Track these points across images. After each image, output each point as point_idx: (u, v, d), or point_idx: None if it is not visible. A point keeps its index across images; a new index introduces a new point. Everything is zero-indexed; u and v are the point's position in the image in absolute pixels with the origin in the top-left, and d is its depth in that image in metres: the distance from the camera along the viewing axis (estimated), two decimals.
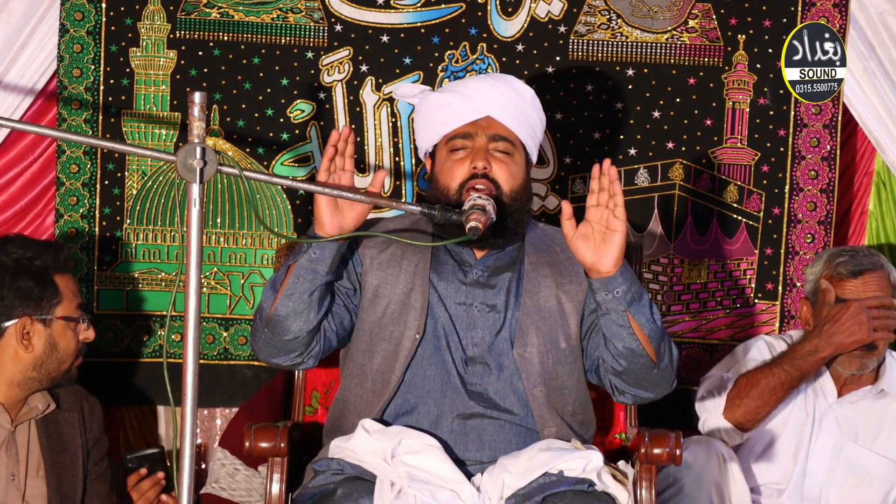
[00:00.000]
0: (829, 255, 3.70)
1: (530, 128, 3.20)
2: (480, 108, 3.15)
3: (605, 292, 2.96)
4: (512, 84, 3.21)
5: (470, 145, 3.15)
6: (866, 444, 3.68)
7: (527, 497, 2.92)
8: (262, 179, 3.86)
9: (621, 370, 3.04)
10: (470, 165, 3.12)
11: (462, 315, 3.15)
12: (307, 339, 3.05)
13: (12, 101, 3.89)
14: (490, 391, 3.11)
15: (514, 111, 3.17)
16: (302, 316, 3.01)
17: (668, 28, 3.96)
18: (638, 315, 2.96)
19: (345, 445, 3.03)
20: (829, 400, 3.69)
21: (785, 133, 3.97)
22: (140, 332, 3.96)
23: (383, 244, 3.23)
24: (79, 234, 3.92)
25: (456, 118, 3.16)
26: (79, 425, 3.38)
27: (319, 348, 3.11)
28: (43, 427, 3.33)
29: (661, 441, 3.07)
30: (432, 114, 3.20)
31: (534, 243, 3.23)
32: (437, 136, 3.20)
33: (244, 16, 3.92)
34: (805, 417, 3.68)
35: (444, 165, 3.17)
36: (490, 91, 3.17)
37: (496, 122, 3.16)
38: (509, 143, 3.16)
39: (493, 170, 3.12)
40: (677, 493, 3.50)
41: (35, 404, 3.32)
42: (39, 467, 3.31)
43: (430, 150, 3.25)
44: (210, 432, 4.05)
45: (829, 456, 3.67)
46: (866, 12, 3.96)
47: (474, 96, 3.16)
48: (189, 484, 2.49)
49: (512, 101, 3.18)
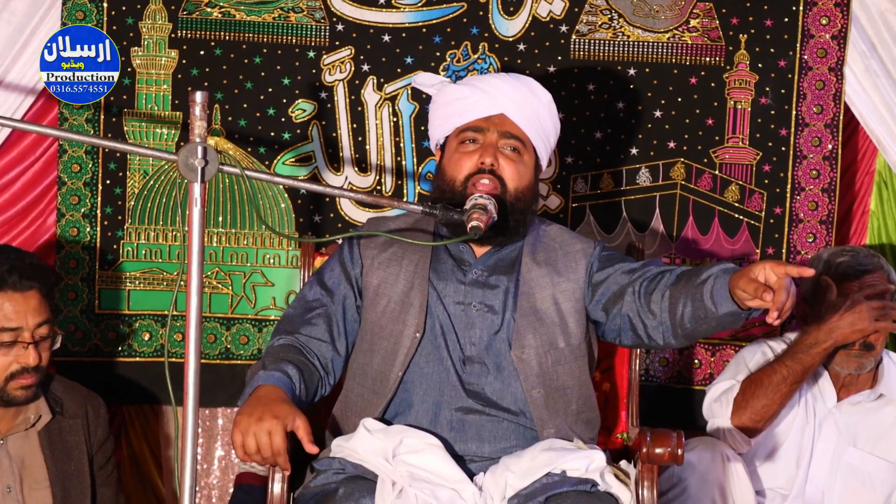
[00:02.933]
0: (829, 254, 3.70)
1: (543, 131, 3.21)
2: (496, 105, 3.17)
3: (736, 316, 2.93)
4: (530, 86, 3.22)
5: (481, 139, 3.16)
6: (866, 448, 3.68)
7: (529, 497, 2.92)
8: (264, 179, 3.85)
9: (684, 334, 3.04)
10: (478, 160, 3.14)
11: (460, 314, 3.15)
12: (315, 395, 3.13)
13: (14, 100, 3.88)
14: (487, 391, 3.11)
15: (528, 112, 3.18)
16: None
17: (670, 27, 3.96)
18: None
19: (346, 445, 3.03)
20: (829, 404, 3.69)
21: (786, 132, 3.97)
22: (141, 331, 3.96)
23: (384, 244, 3.24)
24: (80, 233, 3.92)
25: (470, 112, 3.18)
26: (83, 431, 3.36)
27: (333, 377, 3.18)
28: (45, 436, 3.31)
29: (663, 441, 3.07)
30: (448, 105, 3.22)
31: (533, 244, 3.23)
32: (450, 128, 3.21)
33: (245, 15, 3.92)
34: (806, 423, 3.68)
35: (453, 157, 3.18)
36: (508, 89, 3.18)
37: (509, 121, 3.17)
38: (520, 143, 3.17)
39: (501, 167, 3.13)
40: (681, 494, 3.50)
41: (28, 415, 3.30)
42: (42, 478, 3.29)
43: (442, 141, 3.26)
44: (211, 432, 4.05)
45: (830, 460, 3.67)
46: (868, 12, 3.96)
47: (491, 92, 3.18)
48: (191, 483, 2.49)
49: (528, 101, 3.19)
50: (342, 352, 3.19)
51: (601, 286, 3.16)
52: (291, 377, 3.01)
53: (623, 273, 3.16)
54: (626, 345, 3.25)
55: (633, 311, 3.10)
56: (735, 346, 4.00)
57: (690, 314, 2.99)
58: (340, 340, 3.19)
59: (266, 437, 2.82)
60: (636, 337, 3.14)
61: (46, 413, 3.31)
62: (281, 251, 3.97)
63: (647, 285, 3.10)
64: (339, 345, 3.18)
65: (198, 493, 3.95)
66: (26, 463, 3.29)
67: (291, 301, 3.33)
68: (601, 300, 3.16)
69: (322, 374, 3.13)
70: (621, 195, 3.99)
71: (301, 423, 2.85)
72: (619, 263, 3.19)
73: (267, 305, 3.97)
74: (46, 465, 3.29)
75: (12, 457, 3.27)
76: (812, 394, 3.69)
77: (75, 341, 3.92)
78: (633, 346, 3.28)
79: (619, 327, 3.15)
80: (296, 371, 3.03)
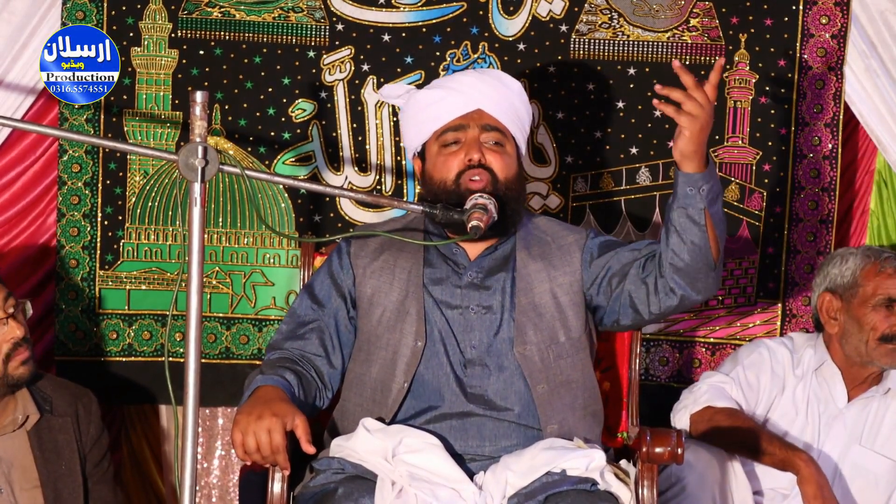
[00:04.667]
0: (865, 250, 3.69)
1: (519, 120, 3.23)
2: (471, 101, 3.18)
3: (690, 187, 2.97)
4: (500, 77, 3.25)
5: (462, 137, 3.16)
6: (867, 444, 3.68)
7: (529, 496, 2.92)
8: (264, 178, 3.86)
9: (682, 266, 3.04)
10: (465, 157, 3.14)
11: (458, 319, 3.15)
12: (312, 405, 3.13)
13: (14, 100, 3.88)
14: (490, 392, 3.11)
15: (503, 103, 3.19)
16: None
17: (670, 27, 3.96)
18: (714, 215, 2.99)
19: (346, 444, 3.03)
20: (840, 405, 3.69)
21: (786, 132, 3.97)
22: (142, 331, 3.96)
23: (375, 252, 3.24)
24: (80, 233, 3.92)
25: (446, 113, 3.18)
26: (73, 430, 3.35)
27: (331, 390, 3.19)
28: (35, 436, 3.30)
29: (663, 440, 3.07)
30: (420, 112, 3.22)
31: (525, 238, 3.24)
32: (427, 134, 3.21)
33: (245, 15, 3.92)
34: (806, 424, 3.68)
35: (438, 160, 3.17)
36: (479, 84, 3.20)
37: (487, 115, 3.18)
38: (501, 134, 3.18)
39: (488, 160, 3.14)
40: (680, 493, 3.49)
41: (16, 415, 3.29)
42: (33, 479, 3.28)
43: (419, 149, 3.25)
44: (212, 431, 4.06)
45: (836, 460, 3.67)
46: (868, 11, 3.96)
47: (465, 90, 3.18)
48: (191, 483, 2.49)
49: (501, 93, 3.20)
50: (338, 365, 3.19)
51: (602, 270, 3.17)
52: (290, 382, 3.02)
53: (627, 251, 3.18)
54: (624, 326, 3.24)
55: (636, 285, 3.11)
56: (735, 346, 4.00)
57: (670, 238, 3.02)
58: (335, 353, 3.19)
59: (265, 435, 2.82)
60: (636, 314, 3.15)
61: (34, 412, 3.30)
62: (281, 251, 3.97)
63: (647, 261, 3.13)
64: (334, 358, 3.18)
65: (198, 493, 3.95)
66: (16, 464, 3.28)
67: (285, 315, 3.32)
68: (602, 283, 3.16)
69: (319, 384, 3.13)
70: (621, 194, 3.99)
71: (300, 421, 2.85)
72: (619, 247, 3.21)
73: (267, 305, 3.97)
74: (37, 466, 3.28)
75: (2, 458, 3.26)
76: (818, 396, 3.69)
77: (76, 341, 3.92)
78: (632, 326, 3.27)
79: (620, 307, 3.16)
80: (294, 377, 3.04)
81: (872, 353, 3.64)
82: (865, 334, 3.64)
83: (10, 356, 3.26)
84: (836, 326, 3.69)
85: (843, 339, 3.68)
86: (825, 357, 3.69)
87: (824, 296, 3.70)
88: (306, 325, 3.20)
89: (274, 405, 2.88)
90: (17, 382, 3.28)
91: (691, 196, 2.98)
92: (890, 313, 3.63)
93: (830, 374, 3.69)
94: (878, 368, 3.68)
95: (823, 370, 3.69)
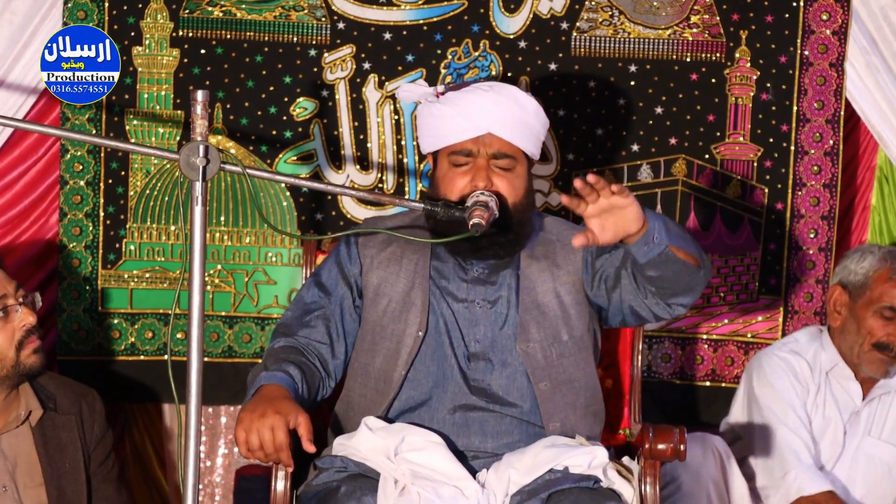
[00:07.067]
0: (886, 253, 3.69)
1: (533, 136, 3.19)
2: (482, 126, 3.13)
3: (645, 246, 2.90)
4: (515, 97, 3.18)
5: (471, 162, 3.14)
6: (876, 434, 3.69)
7: (532, 493, 2.92)
8: (265, 177, 3.86)
9: (675, 289, 3.02)
10: (471, 182, 3.11)
11: (464, 312, 3.15)
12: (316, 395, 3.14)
13: (16, 100, 3.89)
14: (493, 386, 3.12)
15: (516, 124, 3.14)
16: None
17: (671, 24, 3.96)
18: (675, 239, 2.93)
19: (348, 443, 3.04)
20: (857, 403, 3.70)
21: (787, 128, 3.97)
22: (144, 330, 3.97)
23: (383, 243, 3.24)
24: (83, 232, 3.93)
25: (456, 133, 3.14)
26: (77, 427, 3.35)
27: (334, 378, 3.19)
28: (39, 433, 3.30)
29: (665, 436, 3.07)
30: (433, 122, 3.19)
31: (531, 238, 3.24)
32: (437, 146, 3.20)
33: (247, 14, 3.92)
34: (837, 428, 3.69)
35: (446, 176, 3.16)
36: (492, 106, 3.13)
37: (497, 139, 3.13)
38: (511, 159, 3.14)
39: (495, 185, 3.12)
40: (676, 491, 3.50)
41: (19, 411, 3.29)
42: (37, 476, 3.28)
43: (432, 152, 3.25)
44: (215, 430, 4.06)
45: (853, 453, 3.68)
46: (868, 7, 3.96)
47: (473, 116, 3.13)
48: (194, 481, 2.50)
49: (514, 114, 3.15)
50: (342, 353, 3.19)
51: (600, 271, 3.16)
52: (294, 377, 3.02)
53: (621, 253, 3.14)
54: (630, 325, 3.30)
55: (632, 294, 3.10)
56: (737, 343, 4.01)
57: (654, 284, 3.01)
58: (339, 341, 3.19)
59: (269, 433, 2.83)
60: (639, 319, 3.16)
61: (37, 407, 3.30)
62: (283, 249, 3.97)
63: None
64: (338, 346, 3.19)
65: (201, 491, 3.95)
66: (21, 462, 3.28)
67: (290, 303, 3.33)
68: (601, 286, 3.16)
69: (323, 374, 3.13)
70: None
71: (303, 420, 2.86)
72: (616, 249, 3.18)
73: (269, 303, 3.98)
74: (41, 464, 3.28)
75: (7, 456, 3.26)
76: (836, 397, 3.69)
77: (78, 340, 3.93)
78: (641, 324, 3.33)
79: (623, 312, 3.16)
80: (298, 371, 3.03)
81: (863, 356, 3.65)
82: (862, 337, 3.65)
83: (23, 343, 3.27)
84: (839, 320, 3.70)
85: (841, 335, 3.69)
86: (836, 358, 3.70)
87: (836, 288, 3.71)
88: (312, 311, 3.20)
89: (277, 403, 2.89)
90: (29, 372, 3.29)
91: (651, 249, 2.91)
92: (888, 323, 3.63)
93: (844, 375, 3.69)
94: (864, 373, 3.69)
95: (837, 372, 3.70)
